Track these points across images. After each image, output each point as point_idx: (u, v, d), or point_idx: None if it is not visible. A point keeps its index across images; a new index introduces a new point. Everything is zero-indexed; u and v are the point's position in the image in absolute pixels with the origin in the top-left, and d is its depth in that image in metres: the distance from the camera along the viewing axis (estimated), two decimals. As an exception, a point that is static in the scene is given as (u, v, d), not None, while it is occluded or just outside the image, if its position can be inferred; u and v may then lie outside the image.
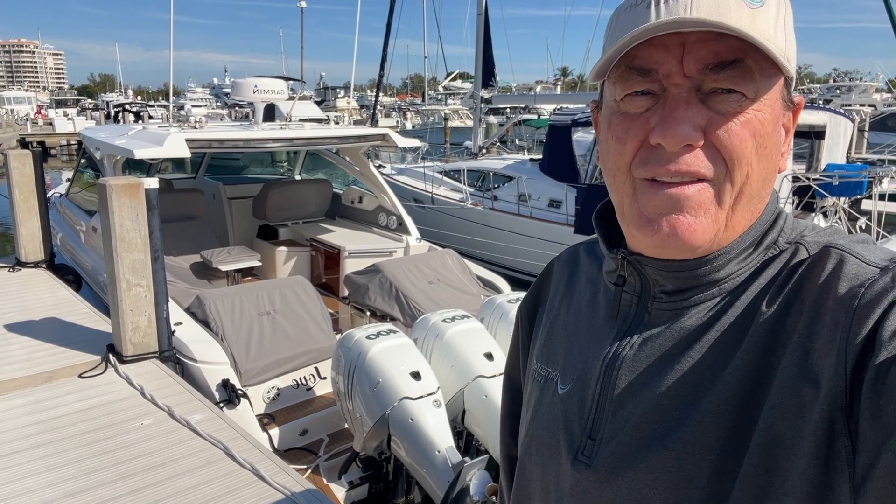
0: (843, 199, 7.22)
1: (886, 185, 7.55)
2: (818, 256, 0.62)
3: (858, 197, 7.54)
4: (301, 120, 8.61)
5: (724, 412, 0.60)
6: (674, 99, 0.60)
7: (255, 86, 6.78)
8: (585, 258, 0.83)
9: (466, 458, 3.20)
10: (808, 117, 8.06)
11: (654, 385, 0.65)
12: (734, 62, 0.58)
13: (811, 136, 8.25)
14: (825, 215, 7.18)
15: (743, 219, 0.64)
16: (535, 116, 17.15)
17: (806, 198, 7.05)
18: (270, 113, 8.19)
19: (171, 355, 4.31)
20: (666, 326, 0.67)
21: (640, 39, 0.59)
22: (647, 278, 0.69)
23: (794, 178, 7.04)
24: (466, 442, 3.75)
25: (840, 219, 7.14)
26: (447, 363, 3.75)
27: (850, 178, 7.00)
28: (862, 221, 7.29)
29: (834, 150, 8.28)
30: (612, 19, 0.65)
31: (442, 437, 3.26)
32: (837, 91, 29.96)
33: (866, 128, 13.76)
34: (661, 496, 0.62)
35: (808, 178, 7.05)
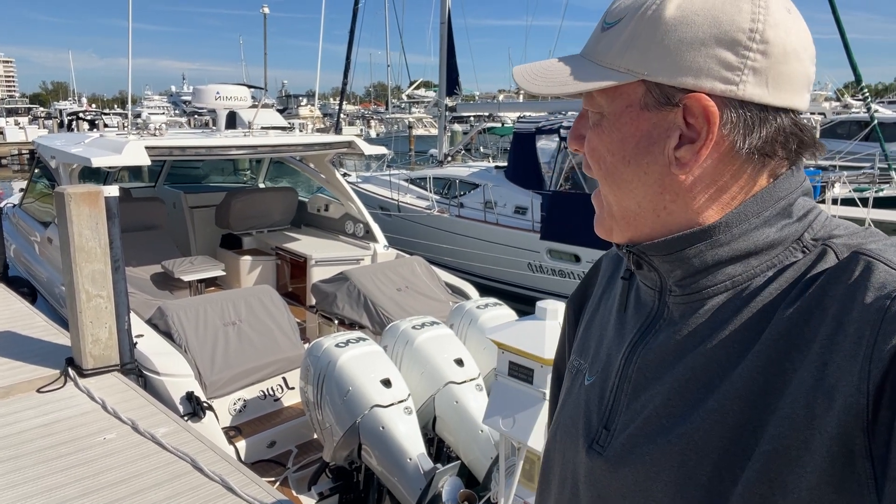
0: (797, 203, 7.43)
1: (838, 190, 7.84)
2: (845, 262, 0.59)
3: (812, 202, 7.77)
4: (263, 128, 8.52)
5: (730, 412, 0.60)
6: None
7: (218, 92, 6.69)
8: None
9: (438, 465, 3.19)
10: None
11: (667, 380, 0.67)
12: None
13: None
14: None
15: (641, 211, 0.69)
16: (499, 124, 17.30)
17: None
18: (231, 121, 8.09)
19: (133, 368, 4.20)
20: (682, 322, 0.68)
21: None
22: (659, 270, 0.70)
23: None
24: (437, 449, 3.74)
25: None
26: (417, 370, 3.74)
27: None
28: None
29: (788, 157, 8.52)
30: None
31: (413, 445, 3.25)
32: (789, 100, 30.83)
33: (817, 135, 14.23)
34: (663, 489, 0.63)
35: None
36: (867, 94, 11.46)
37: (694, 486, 0.61)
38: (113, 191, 4.15)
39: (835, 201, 7.47)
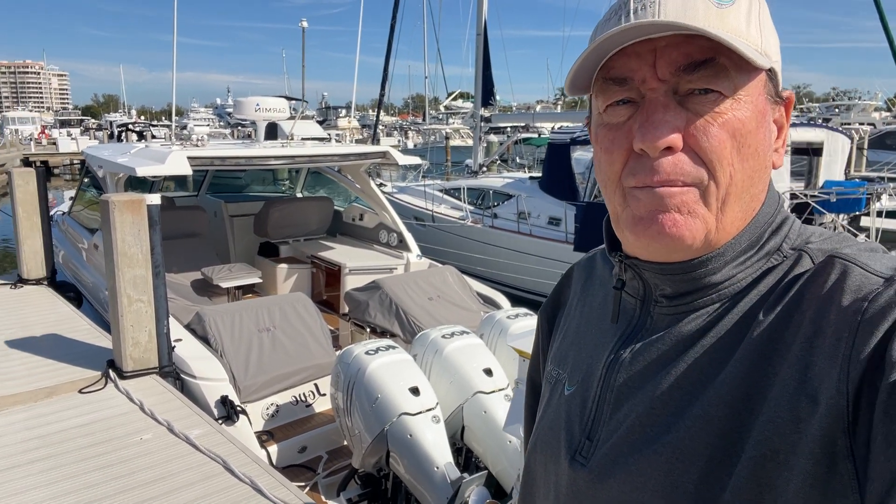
0: (841, 215, 7.24)
1: (885, 202, 7.59)
2: (821, 266, 0.60)
3: (857, 214, 7.56)
4: (303, 139, 8.70)
5: (714, 419, 0.59)
6: (651, 103, 0.60)
7: (258, 104, 6.85)
8: (601, 262, 0.84)
9: (465, 474, 3.19)
10: (805, 135, 8.13)
11: (650, 389, 0.65)
12: (706, 61, 0.58)
13: (809, 153, 8.30)
14: (823, 232, 7.20)
15: (735, 219, 0.63)
16: (535, 135, 17.27)
17: (805, 215, 7.08)
18: (273, 132, 8.30)
19: (170, 371, 4.31)
20: (666, 331, 0.67)
21: (614, 46, 0.60)
22: (648, 282, 0.69)
23: (791, 194, 7.07)
24: (465, 458, 3.74)
25: (838, 236, 7.16)
26: (446, 379, 3.75)
27: (848, 194, 7.03)
28: (861, 238, 7.31)
29: (832, 167, 8.32)
30: (592, 34, 0.66)
31: (441, 453, 3.25)
32: (836, 110, 30.12)
33: (865, 145, 13.80)
34: (650, 499, 0.62)
35: (805, 195, 7.08)
36: (917, 103, 11.08)
37: (681, 495, 0.60)
38: (154, 199, 4.29)
39: (879, 214, 7.23)
